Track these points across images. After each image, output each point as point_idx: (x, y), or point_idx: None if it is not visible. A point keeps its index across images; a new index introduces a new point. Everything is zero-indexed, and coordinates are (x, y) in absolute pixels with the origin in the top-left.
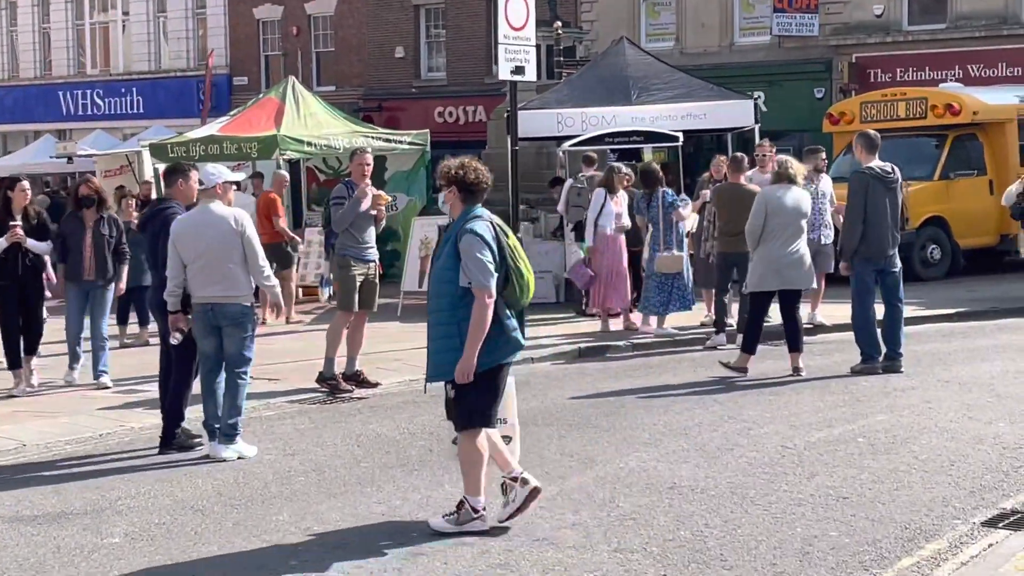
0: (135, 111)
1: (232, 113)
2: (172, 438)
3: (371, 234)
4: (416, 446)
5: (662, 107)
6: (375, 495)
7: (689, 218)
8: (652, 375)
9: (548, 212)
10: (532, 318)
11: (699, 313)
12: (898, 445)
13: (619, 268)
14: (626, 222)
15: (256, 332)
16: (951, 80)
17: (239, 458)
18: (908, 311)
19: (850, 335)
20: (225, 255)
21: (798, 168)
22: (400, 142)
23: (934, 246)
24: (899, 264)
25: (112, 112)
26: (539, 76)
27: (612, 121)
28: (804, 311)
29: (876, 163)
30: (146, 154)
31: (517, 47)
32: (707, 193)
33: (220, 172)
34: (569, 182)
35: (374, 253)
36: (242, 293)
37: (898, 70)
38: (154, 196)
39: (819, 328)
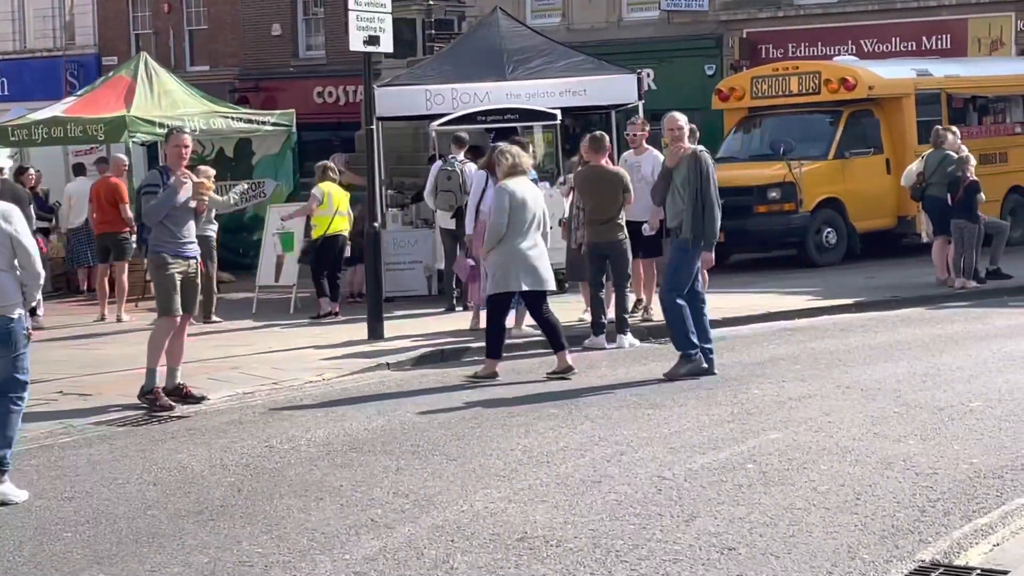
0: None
1: (79, 93)
2: None
3: (191, 228)
4: (223, 484)
5: (539, 82)
6: (153, 557)
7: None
8: (519, 383)
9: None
10: (402, 313)
11: (576, 307)
12: (794, 472)
13: None
14: None
15: (31, 343)
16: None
17: (2, 504)
18: (802, 301)
19: (745, 330)
20: None
21: (524, 158)
22: (263, 123)
23: (829, 229)
24: None
25: None
26: (415, 52)
27: (485, 98)
28: None
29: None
30: None
31: (371, 15)
32: (571, 176)
33: None
34: (437, 164)
35: (194, 249)
36: (8, 302)
37: (790, 45)
38: None
39: None
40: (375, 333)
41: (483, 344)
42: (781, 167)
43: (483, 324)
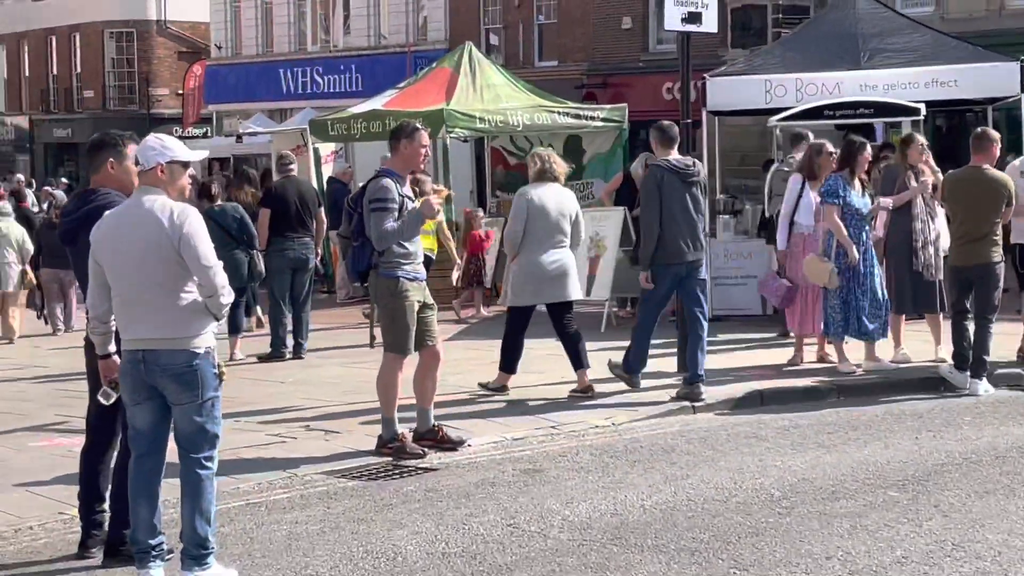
0: (354, 88)
1: (401, 85)
2: (116, 543)
3: (419, 240)
4: None
5: (900, 71)
6: None
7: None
8: (852, 444)
9: (756, 203)
10: (725, 338)
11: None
12: None
13: None
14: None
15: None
16: None
17: None
18: None
19: None
20: (155, 273)
21: (559, 164)
22: (592, 118)
23: None
24: (704, 272)
25: (330, 90)
26: (765, 41)
27: (835, 89)
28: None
29: (674, 156)
30: None
31: None
32: (928, 182)
33: (165, 147)
34: (774, 166)
35: (423, 268)
36: (188, 333)
37: None
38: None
39: None
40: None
41: (813, 384)
42: None
43: (806, 360)
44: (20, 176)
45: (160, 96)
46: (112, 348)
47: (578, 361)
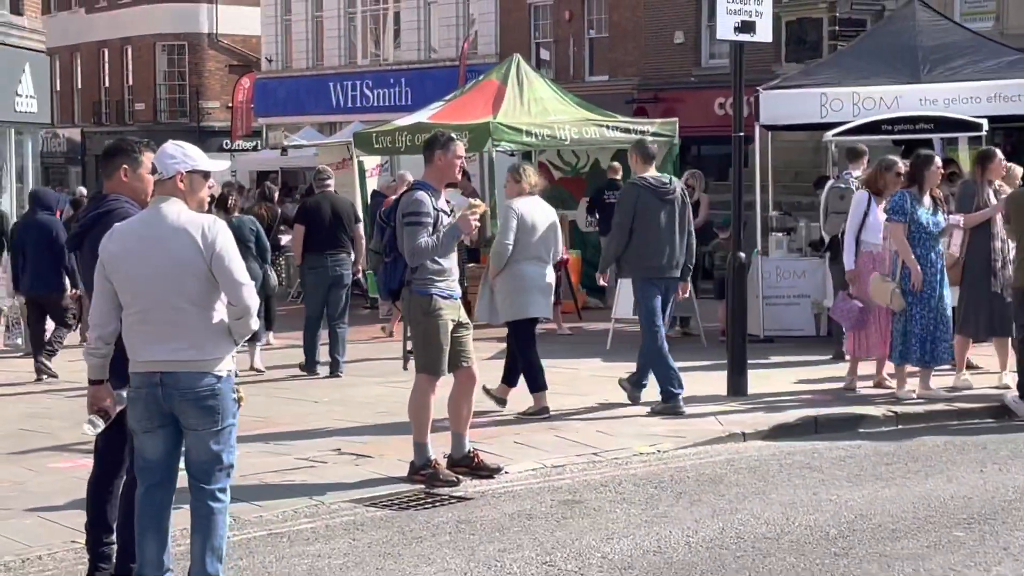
0: (403, 103)
1: (448, 98)
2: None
3: (454, 257)
4: None
5: (961, 85)
6: None
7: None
8: (913, 477)
9: (811, 221)
10: (777, 360)
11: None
12: None
13: None
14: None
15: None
16: None
17: None
18: None
19: None
20: (185, 290)
21: (535, 178)
22: (642, 133)
23: None
24: (676, 288)
25: (380, 104)
26: (820, 55)
27: (894, 103)
28: None
29: (651, 173)
30: None
31: None
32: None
33: (187, 155)
34: (830, 183)
35: (458, 286)
36: (213, 355)
37: None
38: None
39: None
40: (736, 389)
41: (871, 411)
42: None
43: (862, 385)
44: (83, 188)
45: (211, 109)
46: (106, 374)
47: (537, 383)
